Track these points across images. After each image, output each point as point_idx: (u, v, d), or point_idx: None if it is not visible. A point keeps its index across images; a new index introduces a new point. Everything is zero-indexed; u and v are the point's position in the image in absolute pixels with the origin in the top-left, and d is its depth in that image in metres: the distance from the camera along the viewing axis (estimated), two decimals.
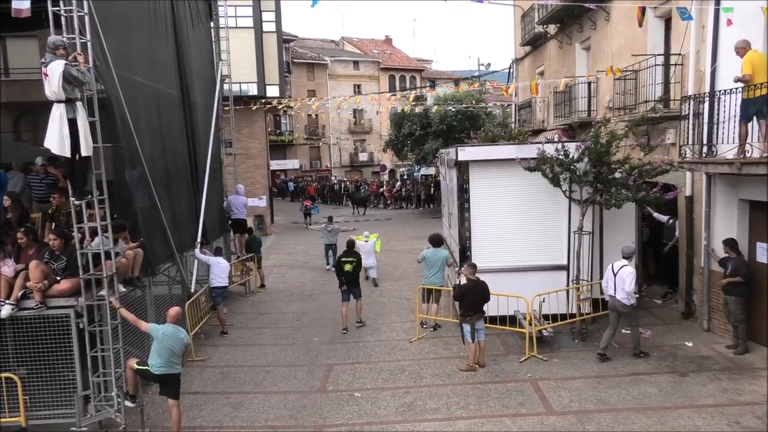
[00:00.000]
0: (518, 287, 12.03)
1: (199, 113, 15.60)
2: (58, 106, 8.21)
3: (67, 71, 8.14)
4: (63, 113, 8.21)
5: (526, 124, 25.40)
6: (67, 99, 8.23)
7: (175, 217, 12.91)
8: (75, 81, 8.27)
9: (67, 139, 8.24)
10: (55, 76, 8.10)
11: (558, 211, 12.92)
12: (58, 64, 8.15)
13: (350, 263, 14.12)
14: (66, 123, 8.21)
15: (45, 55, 8.34)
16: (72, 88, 8.28)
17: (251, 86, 27.98)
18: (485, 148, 14.10)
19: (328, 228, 20.51)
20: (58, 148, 8.25)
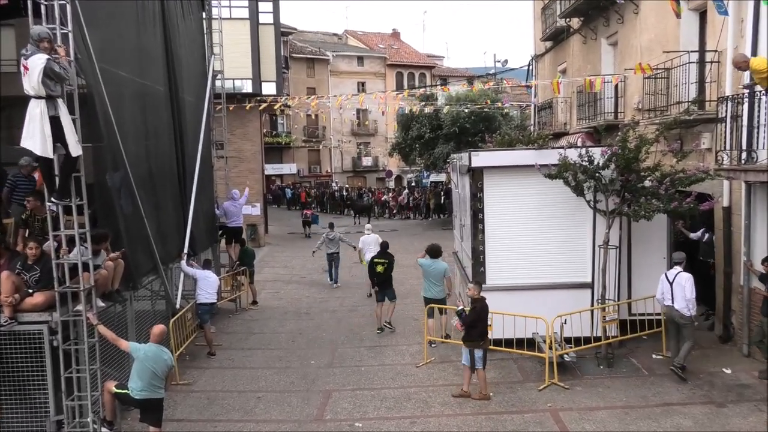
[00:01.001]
0: (537, 307, 11.97)
1: (189, 112, 15.65)
2: (38, 103, 8.24)
3: (49, 66, 8.17)
4: (44, 110, 8.24)
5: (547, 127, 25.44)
6: (48, 96, 8.26)
7: (160, 225, 12.92)
8: (57, 77, 8.30)
9: (49, 138, 8.27)
10: (36, 71, 8.12)
11: (581, 223, 12.89)
12: (40, 58, 8.18)
13: (382, 264, 15.14)
14: (47, 121, 8.25)
15: (26, 47, 8.37)
16: (54, 84, 8.31)
17: (245, 83, 28.13)
18: (501, 153, 14.10)
19: (329, 236, 20.53)
20: (41, 148, 8.28)
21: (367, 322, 16.19)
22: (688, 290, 11.20)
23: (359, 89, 58.94)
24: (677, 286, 11.34)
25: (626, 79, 17.96)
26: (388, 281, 15.15)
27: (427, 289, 14.05)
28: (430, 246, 14.43)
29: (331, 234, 20.62)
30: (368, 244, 19.05)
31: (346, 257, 24.25)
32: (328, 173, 62.20)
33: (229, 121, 21.35)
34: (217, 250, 18.31)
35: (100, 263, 9.75)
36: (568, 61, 24.23)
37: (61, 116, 8.37)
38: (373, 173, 63.91)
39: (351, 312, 17.50)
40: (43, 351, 8.88)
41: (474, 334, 10.86)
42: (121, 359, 10.26)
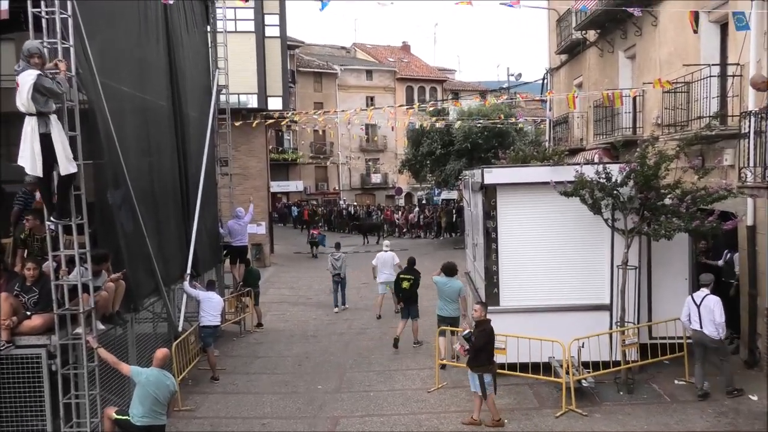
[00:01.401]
0: (553, 330, 11.90)
1: (192, 127, 15.74)
2: (29, 120, 8.32)
3: (39, 82, 8.22)
4: (34, 128, 8.31)
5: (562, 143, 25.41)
6: (39, 112, 8.31)
7: (162, 245, 12.97)
8: (49, 93, 8.36)
9: (38, 156, 8.32)
10: (25, 87, 8.19)
11: (599, 242, 12.85)
12: (29, 74, 8.24)
13: (408, 280, 15.74)
14: (37, 138, 8.31)
15: (18, 63, 8.46)
16: (45, 101, 8.35)
17: (251, 98, 28.30)
18: (515, 170, 14.10)
19: (334, 256, 20.53)
20: (30, 166, 8.36)
21: (377, 345, 16.14)
22: (718, 314, 11.16)
23: (368, 104, 59.16)
24: (705, 309, 11.28)
25: (645, 93, 17.97)
26: (413, 298, 15.53)
27: (442, 308, 14.22)
28: (445, 264, 14.59)
29: (336, 255, 20.61)
30: (384, 261, 19.14)
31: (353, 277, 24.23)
32: (336, 191, 62.31)
33: (233, 137, 21.46)
34: (221, 271, 18.33)
35: (101, 284, 9.79)
36: (584, 75, 24.27)
37: (52, 133, 8.42)
38: (383, 190, 63.97)
39: (359, 335, 17.46)
40: (41, 375, 8.89)
41: (482, 358, 10.74)
42: (122, 384, 10.26)
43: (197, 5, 17.09)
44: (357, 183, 63.49)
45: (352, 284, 24.21)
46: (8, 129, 10.69)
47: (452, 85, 69.11)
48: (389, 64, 65.64)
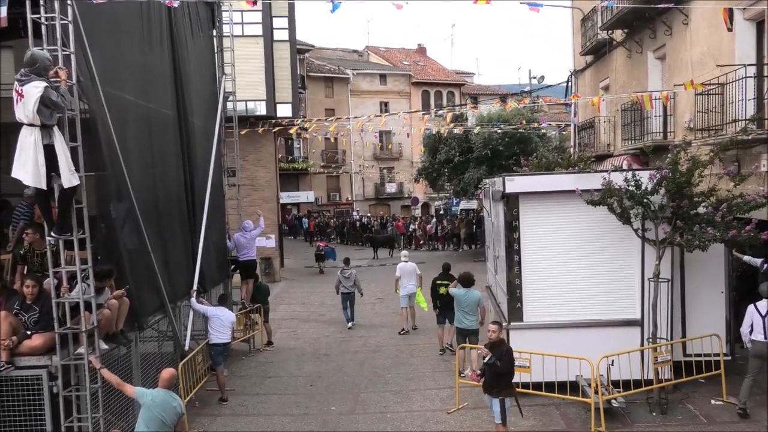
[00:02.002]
0: (581, 347, 11.85)
1: (198, 137, 15.85)
2: (32, 131, 8.39)
3: (47, 95, 8.33)
4: (38, 139, 8.38)
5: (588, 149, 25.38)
6: (42, 124, 8.40)
7: (168, 259, 13.03)
8: (54, 106, 8.46)
9: (42, 168, 8.40)
10: (32, 100, 8.27)
11: (629, 253, 12.79)
12: (36, 86, 8.33)
13: (444, 286, 15.96)
14: (41, 150, 8.39)
15: (21, 71, 8.54)
16: (50, 113, 8.46)
17: (259, 105, 28.47)
18: (538, 178, 14.09)
19: (344, 273, 20.49)
20: (33, 179, 8.42)
21: (393, 364, 16.12)
22: None
23: (382, 110, 59.33)
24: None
25: (676, 95, 17.92)
26: (450, 303, 15.50)
27: (460, 320, 14.44)
28: (462, 274, 14.80)
29: (346, 271, 20.53)
30: (406, 272, 19.30)
31: (368, 292, 24.23)
32: (349, 201, 62.45)
33: (241, 146, 21.57)
34: (229, 286, 18.38)
35: (103, 302, 9.84)
36: (610, 77, 24.23)
37: (55, 144, 8.51)
38: (398, 201, 64.04)
39: (374, 353, 17.44)
40: (42, 398, 8.94)
41: (508, 381, 10.59)
42: (126, 406, 10.30)
43: (203, 9, 17.22)
44: (371, 193, 63.62)
45: (366, 300, 24.23)
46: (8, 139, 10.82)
47: (471, 88, 69.20)
48: (404, 67, 65.85)
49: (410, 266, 19.52)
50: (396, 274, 19.68)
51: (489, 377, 10.49)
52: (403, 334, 19.15)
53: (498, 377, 10.41)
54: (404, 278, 19.28)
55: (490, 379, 10.47)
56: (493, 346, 10.52)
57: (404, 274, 19.32)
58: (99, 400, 9.26)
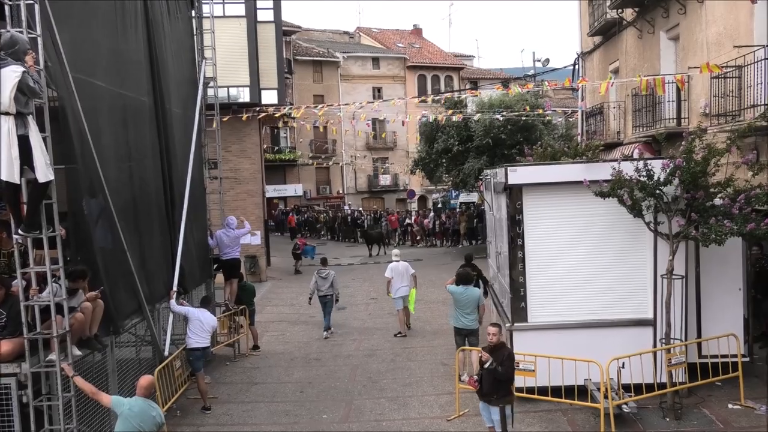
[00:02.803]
0: (589, 349, 11.90)
1: (177, 126, 15.83)
2: (5, 120, 8.33)
3: (25, 81, 8.30)
4: (11, 129, 8.33)
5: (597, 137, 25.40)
6: (18, 113, 8.37)
7: (145, 259, 13.03)
8: (31, 93, 8.43)
9: (16, 161, 8.37)
10: (8, 84, 8.22)
11: (640, 248, 12.83)
12: (14, 70, 8.28)
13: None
14: (15, 141, 8.34)
15: None
16: (26, 101, 8.43)
17: (242, 91, 28.39)
18: (543, 168, 14.09)
19: (321, 274, 19.93)
20: (5, 172, 8.36)
21: (388, 369, 16.16)
22: None
23: (375, 96, 59.31)
24: None
25: (690, 79, 17.94)
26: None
27: (458, 319, 14.52)
28: (460, 271, 14.92)
29: (323, 272, 20.02)
30: (399, 273, 19.28)
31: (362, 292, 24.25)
32: (340, 194, 62.43)
33: (223, 135, 21.54)
34: (211, 287, 18.37)
35: (76, 305, 9.82)
36: (620, 59, 24.25)
37: (30, 135, 8.47)
38: (392, 193, 64.07)
39: (369, 357, 17.47)
40: (11, 408, 8.92)
41: (508, 387, 10.58)
42: (102, 417, 10.30)
43: None
44: (363, 185, 63.62)
45: (360, 300, 24.25)
46: None
47: (470, 73, 69.19)
48: (398, 50, 65.79)
49: (402, 266, 19.46)
50: (386, 275, 19.60)
51: (488, 383, 10.40)
52: (400, 337, 19.19)
53: (498, 384, 10.35)
54: (396, 279, 19.23)
55: (489, 386, 10.38)
56: (494, 349, 10.46)
57: (396, 275, 19.28)
58: (72, 411, 9.24)
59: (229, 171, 26.74)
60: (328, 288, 19.78)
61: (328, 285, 19.77)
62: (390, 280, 19.39)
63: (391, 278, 19.35)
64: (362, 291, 26.73)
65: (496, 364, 10.22)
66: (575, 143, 22.47)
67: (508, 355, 10.48)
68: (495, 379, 10.28)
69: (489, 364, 10.32)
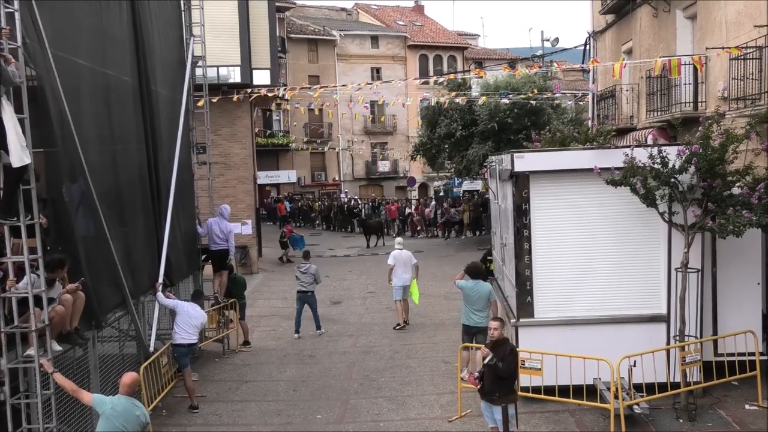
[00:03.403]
0: (599, 346, 11.90)
1: (163, 108, 15.80)
2: None
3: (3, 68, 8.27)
4: None
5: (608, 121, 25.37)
6: None
7: (129, 249, 13.02)
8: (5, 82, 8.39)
9: None
10: None
11: (653, 240, 12.82)
12: None
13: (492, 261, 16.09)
14: None
15: None
16: None
17: (233, 71, 28.28)
18: (551, 155, 14.07)
19: (301, 268, 19.64)
20: None
21: (386, 366, 16.17)
22: None
23: (374, 76, 59.19)
24: None
25: (708, 60, 17.90)
26: None
27: (468, 316, 14.37)
28: (470, 265, 14.79)
29: (303, 266, 19.70)
30: (401, 261, 19.43)
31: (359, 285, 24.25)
32: (336, 181, 62.41)
33: (213, 118, 21.49)
34: (199, 279, 18.36)
35: (56, 297, 9.81)
36: (634, 39, 24.20)
37: (4, 117, 8.44)
38: (392, 181, 64.07)
39: (366, 354, 17.49)
40: None
41: (508, 386, 10.54)
42: (83, 415, 10.31)
43: None
44: (361, 172, 63.61)
45: (357, 294, 24.28)
46: None
47: (475, 52, 69.07)
48: (399, 28, 65.66)
49: (405, 254, 19.61)
50: (389, 263, 19.75)
51: (489, 381, 10.40)
52: (398, 329, 19.22)
53: (500, 381, 10.35)
54: (398, 267, 19.37)
55: (491, 383, 10.38)
56: (495, 345, 10.47)
57: (398, 263, 19.42)
58: (52, 409, 9.24)
59: (218, 156, 26.69)
60: (310, 284, 19.42)
61: (310, 280, 19.41)
62: (392, 268, 19.49)
63: (393, 266, 19.47)
64: (359, 284, 26.69)
65: (498, 359, 10.24)
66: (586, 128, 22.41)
67: (510, 350, 10.48)
68: (496, 376, 10.28)
69: (489, 359, 10.33)
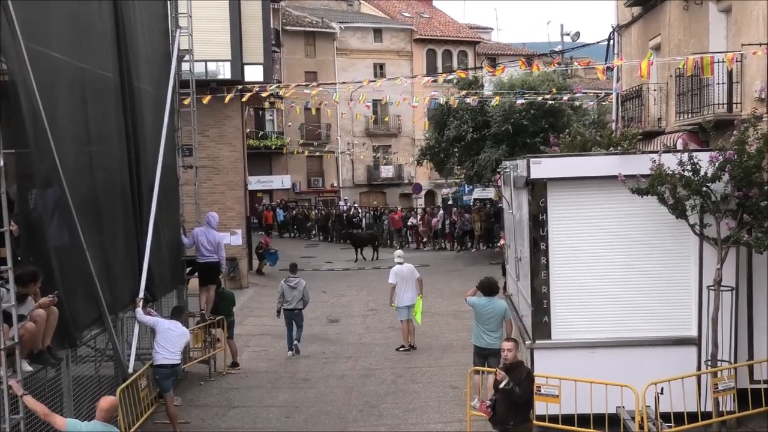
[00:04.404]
0: (622, 371, 11.90)
1: (146, 106, 15.82)
2: None
3: None
4: None
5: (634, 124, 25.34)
6: None
7: (108, 260, 13.01)
8: None
9: None
10: None
11: (683, 255, 12.80)
12: None
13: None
14: None
15: None
16: None
17: (222, 66, 28.31)
18: (571, 160, 14.07)
19: (290, 282, 19.59)
20: None
21: (388, 391, 16.13)
22: None
23: (376, 73, 59.26)
24: None
25: (743, 58, 17.91)
26: None
27: (480, 337, 14.22)
28: (483, 280, 14.57)
29: (292, 280, 19.68)
30: (404, 277, 19.16)
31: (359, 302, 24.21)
32: (335, 188, 62.38)
33: (200, 118, 21.48)
34: (184, 294, 18.33)
35: (27, 313, 9.80)
36: (662, 34, 24.21)
37: None
38: (395, 188, 64.05)
39: (366, 377, 17.46)
40: None
41: (526, 413, 10.60)
42: None
43: None
44: (362, 178, 63.63)
45: (357, 312, 24.25)
46: None
47: (488, 48, 69.16)
48: (404, 20, 65.78)
49: (407, 269, 19.36)
50: (390, 281, 19.47)
51: (503, 408, 10.38)
52: (403, 351, 19.11)
53: (515, 408, 10.33)
54: (401, 285, 19.11)
55: (505, 411, 10.36)
56: (510, 368, 10.47)
57: (401, 280, 19.16)
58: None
59: (206, 159, 26.69)
60: (298, 301, 19.43)
61: (298, 297, 19.44)
62: (394, 287, 19.23)
63: (395, 284, 19.21)
64: (359, 301, 26.66)
65: (513, 384, 10.22)
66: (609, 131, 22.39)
67: (526, 374, 10.49)
68: (512, 403, 10.27)
69: (505, 383, 10.30)
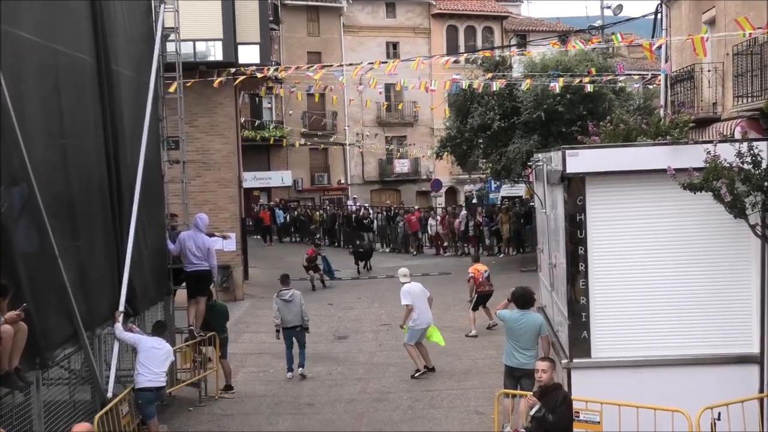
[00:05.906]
0: (673, 393, 11.89)
1: (127, 93, 15.86)
2: None
3: None
4: None
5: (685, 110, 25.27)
6: None
7: (84, 269, 13.05)
8: None
9: None
10: None
11: (743, 260, 12.74)
12: None
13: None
14: None
15: None
16: None
17: (213, 46, 28.35)
18: (613, 152, 14.04)
19: (282, 296, 19.46)
20: None
21: (404, 418, 16.13)
22: None
23: (389, 53, 59.27)
24: None
25: None
26: None
27: (512, 355, 14.06)
28: (516, 290, 14.49)
29: (285, 293, 19.53)
30: (419, 297, 18.93)
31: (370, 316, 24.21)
32: (342, 185, 62.31)
33: (188, 106, 21.54)
34: (170, 307, 18.34)
35: None
36: (717, 6, 24.15)
37: None
38: (412, 184, 63.96)
39: (378, 402, 17.47)
40: None
41: None
42: None
43: None
44: (373, 173, 63.55)
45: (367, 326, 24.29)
46: None
47: (517, 23, 69.05)
48: None
49: (418, 288, 19.12)
50: (404, 302, 18.99)
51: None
52: (419, 377, 19.05)
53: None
54: (418, 306, 18.83)
55: None
56: (544, 392, 10.49)
57: (416, 299, 18.88)
58: None
59: (195, 152, 26.73)
60: (295, 317, 19.28)
61: (295, 311, 19.31)
62: (411, 309, 18.80)
63: (411, 306, 18.80)
64: (370, 314, 26.65)
65: (547, 410, 10.22)
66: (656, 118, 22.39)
67: (563, 398, 10.49)
68: (546, 431, 10.29)
69: (536, 410, 10.32)
